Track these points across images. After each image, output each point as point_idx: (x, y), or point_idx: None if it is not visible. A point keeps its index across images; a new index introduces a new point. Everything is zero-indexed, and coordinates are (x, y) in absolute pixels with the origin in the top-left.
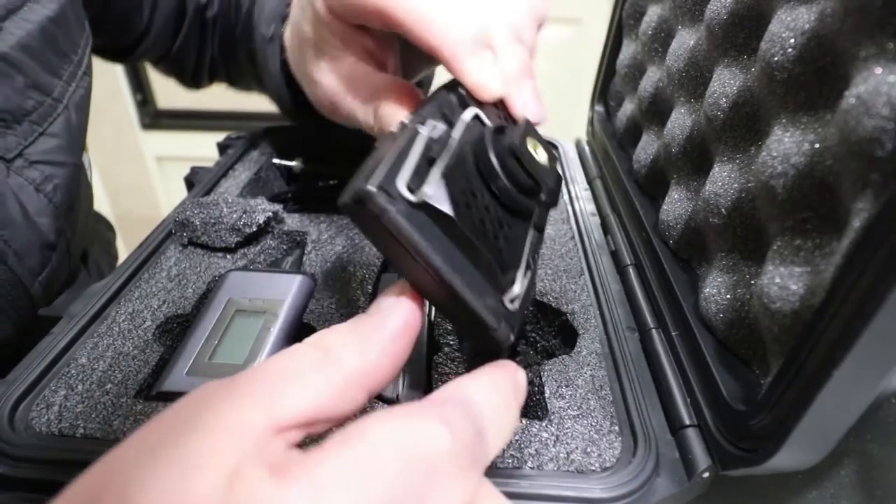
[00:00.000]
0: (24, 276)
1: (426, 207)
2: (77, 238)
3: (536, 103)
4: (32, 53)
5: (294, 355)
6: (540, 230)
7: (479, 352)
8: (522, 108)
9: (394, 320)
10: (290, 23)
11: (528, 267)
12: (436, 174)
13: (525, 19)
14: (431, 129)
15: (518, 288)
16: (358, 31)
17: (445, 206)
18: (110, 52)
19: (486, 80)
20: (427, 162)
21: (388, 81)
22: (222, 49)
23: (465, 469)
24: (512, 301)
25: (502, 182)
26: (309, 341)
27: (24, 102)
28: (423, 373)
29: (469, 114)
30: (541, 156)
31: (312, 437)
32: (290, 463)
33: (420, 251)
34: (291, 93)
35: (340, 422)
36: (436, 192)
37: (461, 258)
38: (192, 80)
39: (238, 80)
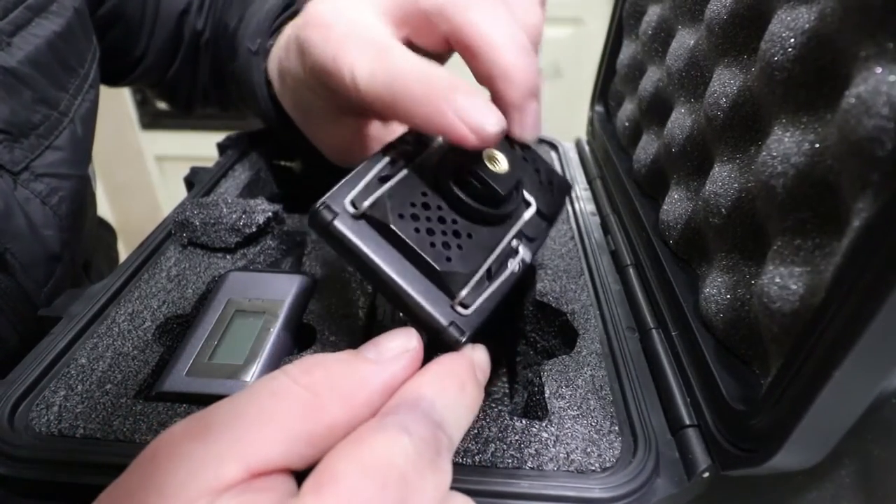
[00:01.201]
0: (29, 288)
1: (368, 219)
2: (81, 248)
3: (534, 129)
4: (40, 68)
5: (278, 393)
6: (530, 239)
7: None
8: (520, 134)
9: (390, 372)
10: (280, 80)
11: (489, 273)
12: (382, 190)
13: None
14: (399, 151)
15: (466, 292)
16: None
17: (386, 218)
18: (103, 76)
19: (469, 133)
20: (379, 180)
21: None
22: (213, 73)
23: (432, 463)
24: (463, 306)
25: (455, 194)
26: (296, 374)
27: (31, 116)
28: None
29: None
30: (498, 165)
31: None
32: None
33: (363, 257)
34: (276, 108)
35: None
36: (377, 206)
37: (407, 265)
38: (186, 105)
39: (227, 104)
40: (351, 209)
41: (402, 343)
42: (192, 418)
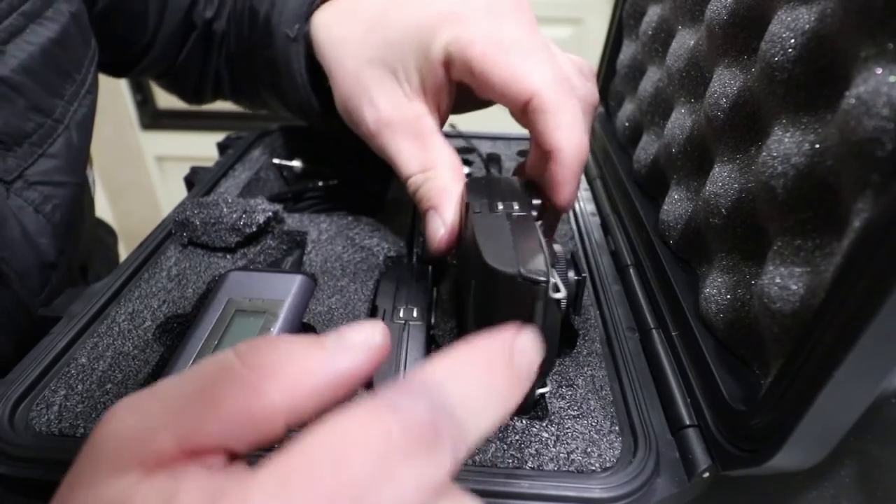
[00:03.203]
0: (24, 296)
1: (554, 302)
2: (78, 254)
3: (570, 202)
4: (33, 76)
5: (220, 372)
6: None
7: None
8: (560, 202)
9: (341, 365)
10: (367, 24)
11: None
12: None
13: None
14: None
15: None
16: (451, 87)
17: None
18: (110, 67)
19: (571, 198)
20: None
21: (450, 153)
22: (231, 62)
23: (424, 449)
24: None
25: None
26: (244, 351)
27: (24, 125)
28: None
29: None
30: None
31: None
32: (221, 487)
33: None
34: (317, 95)
35: (264, 445)
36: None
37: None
38: (195, 95)
39: (247, 93)
40: (553, 293)
41: (366, 336)
42: (140, 392)
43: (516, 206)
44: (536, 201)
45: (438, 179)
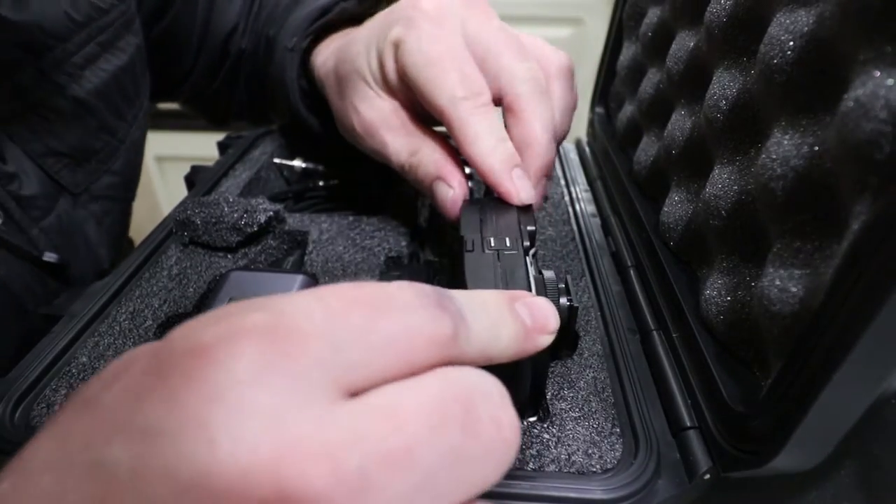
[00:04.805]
0: None
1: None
2: None
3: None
4: (105, 99)
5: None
6: None
7: None
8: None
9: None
10: (344, 46)
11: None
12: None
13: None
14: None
15: (535, 418)
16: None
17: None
18: (151, 94)
19: (521, 196)
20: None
21: (435, 135)
22: (249, 85)
23: (431, 307)
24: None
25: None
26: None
27: (94, 143)
28: None
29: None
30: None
31: None
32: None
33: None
34: (304, 104)
35: None
36: None
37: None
38: (222, 119)
39: (261, 115)
40: None
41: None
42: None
43: (507, 242)
44: (531, 228)
45: (431, 155)
